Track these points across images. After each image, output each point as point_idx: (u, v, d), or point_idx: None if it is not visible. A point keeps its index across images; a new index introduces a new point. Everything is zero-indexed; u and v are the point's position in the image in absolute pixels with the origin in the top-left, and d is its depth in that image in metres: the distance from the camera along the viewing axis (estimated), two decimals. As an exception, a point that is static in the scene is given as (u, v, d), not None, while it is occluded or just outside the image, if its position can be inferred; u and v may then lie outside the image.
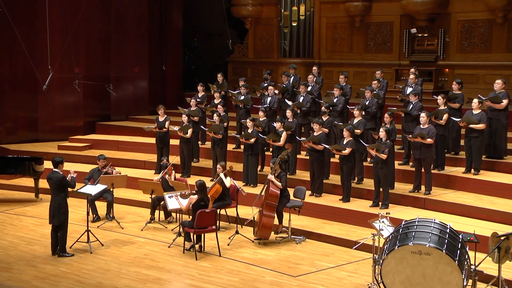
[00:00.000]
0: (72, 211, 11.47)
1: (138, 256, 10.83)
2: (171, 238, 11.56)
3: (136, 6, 19.59)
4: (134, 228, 12.41)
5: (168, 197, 11.55)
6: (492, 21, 16.83)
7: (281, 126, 13.36)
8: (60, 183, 10.53)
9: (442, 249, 8.02)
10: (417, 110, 13.13)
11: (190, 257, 10.72)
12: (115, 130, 18.82)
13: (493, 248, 8.30)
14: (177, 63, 20.73)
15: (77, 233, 11.41)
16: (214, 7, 21.28)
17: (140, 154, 16.79)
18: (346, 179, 12.49)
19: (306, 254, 10.90)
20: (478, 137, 12.56)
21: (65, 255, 10.72)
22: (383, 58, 18.61)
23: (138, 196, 13.88)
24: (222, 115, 14.54)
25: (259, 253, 10.94)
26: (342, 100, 14.46)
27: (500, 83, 13.02)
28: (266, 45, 20.78)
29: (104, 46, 19.19)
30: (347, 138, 12.37)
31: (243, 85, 15.81)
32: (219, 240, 10.94)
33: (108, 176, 12.65)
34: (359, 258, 10.54)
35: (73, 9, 17.66)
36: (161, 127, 14.94)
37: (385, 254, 8.34)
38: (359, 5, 18.69)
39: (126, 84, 19.68)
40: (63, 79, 18.20)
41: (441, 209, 11.81)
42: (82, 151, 17.38)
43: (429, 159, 12.17)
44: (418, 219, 8.65)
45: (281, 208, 11.46)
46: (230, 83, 18.20)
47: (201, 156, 15.67)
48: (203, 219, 10.61)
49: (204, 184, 10.90)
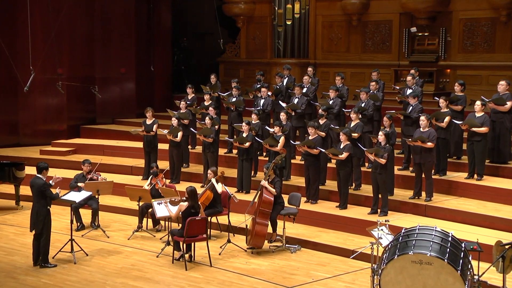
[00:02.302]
0: (55, 219, 11.42)
1: (125, 267, 10.80)
2: (160, 247, 11.54)
3: (122, 4, 19.58)
4: (120, 237, 12.38)
5: (157, 204, 11.52)
6: (496, 20, 16.91)
7: (280, 130, 13.37)
8: (41, 190, 10.48)
9: (444, 258, 8.02)
10: (417, 113, 13.16)
11: (179, 268, 10.70)
12: (101, 134, 18.79)
13: (497, 257, 8.31)
14: (165, 64, 20.73)
15: (60, 242, 11.37)
16: (204, 5, 21.36)
17: (127, 159, 16.78)
18: (343, 185, 12.50)
19: (302, 263, 10.90)
20: (481, 141, 12.58)
21: (47, 266, 10.68)
22: (381, 59, 18.66)
23: (125, 203, 13.85)
24: (214, 118, 14.53)
25: (252, 263, 10.93)
26: (338, 102, 14.48)
27: (504, 84, 13.05)
28: (259, 44, 20.81)
29: (88, 45, 19.17)
30: (344, 142, 12.39)
31: (235, 87, 15.83)
32: (210, 249, 10.93)
33: (93, 182, 12.62)
34: (357, 268, 10.55)
35: (55, 7, 17.62)
36: (149, 131, 14.92)
37: (384, 263, 8.33)
38: (356, 3, 18.75)
39: (112, 85, 19.66)
40: (46, 80, 18.16)
41: (442, 216, 11.83)
42: (66, 156, 17.33)
43: (429, 164, 12.19)
44: (419, 227, 8.65)
45: (275, 215, 11.46)
46: (222, 85, 18.21)
47: (191, 161, 15.66)
48: (193, 227, 10.60)
49: (195, 191, 10.89)
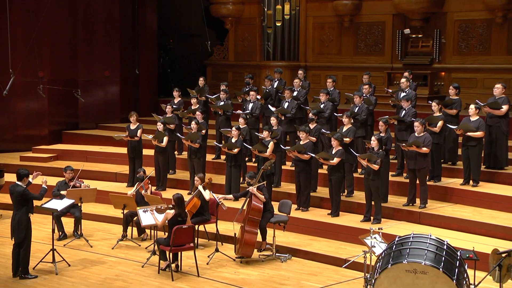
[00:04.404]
0: (36, 228, 11.38)
1: (109, 277, 10.77)
2: (145, 257, 11.52)
3: (106, 4, 19.57)
4: (104, 247, 12.35)
5: (142, 212, 11.51)
6: (491, 21, 17.01)
7: (269, 135, 13.37)
8: (21, 197, 10.44)
9: (439, 267, 8.05)
10: (411, 117, 13.21)
11: (165, 278, 10.68)
12: (84, 139, 18.76)
13: (494, 266, 8.35)
14: (151, 67, 20.71)
15: (41, 252, 11.32)
16: (191, 5, 21.35)
17: (111, 166, 16.74)
18: (335, 192, 12.52)
19: (292, 273, 10.90)
20: (476, 146, 12.63)
21: (27, 277, 10.62)
22: (374, 61, 18.73)
23: (109, 212, 13.82)
24: (200, 122, 14.53)
25: (241, 273, 10.93)
26: (329, 106, 14.50)
27: (500, 88, 13.11)
28: (248, 47, 20.84)
29: (71, 47, 19.13)
30: (336, 147, 12.40)
31: (223, 90, 15.82)
32: (198, 258, 10.92)
33: (76, 189, 12.58)
34: (350, 277, 10.56)
35: (36, 7, 17.60)
36: (133, 136, 14.89)
37: (377, 273, 8.36)
38: (348, 3, 18.82)
39: (95, 89, 19.63)
40: (26, 83, 18.12)
41: (437, 224, 11.87)
42: (47, 163, 17.27)
43: (424, 170, 12.23)
44: (413, 235, 8.68)
45: (265, 223, 11.47)
46: (210, 88, 18.21)
47: (177, 167, 15.65)
48: (180, 236, 10.58)
49: (182, 198, 10.88)
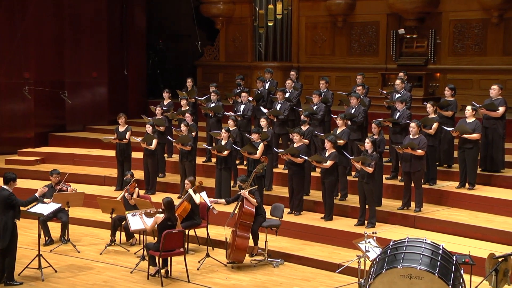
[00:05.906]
0: (21, 233, 11.35)
1: (97, 283, 10.75)
2: (134, 262, 11.50)
3: (93, 4, 19.52)
4: (92, 252, 12.32)
5: (131, 216, 11.50)
6: (487, 21, 17.07)
7: (258, 137, 13.39)
8: (6, 202, 10.40)
9: (435, 272, 8.07)
10: (405, 119, 13.24)
11: (155, 284, 10.67)
12: (71, 142, 18.71)
13: (490, 271, 8.37)
14: (140, 67, 20.69)
15: (27, 258, 11.28)
16: (181, 5, 21.34)
17: (99, 169, 16.70)
18: (328, 195, 12.54)
19: (285, 279, 10.91)
20: (472, 148, 12.67)
21: (12, 284, 10.57)
22: (368, 62, 18.77)
23: (97, 216, 13.78)
24: (190, 124, 14.53)
25: (233, 278, 10.93)
26: (322, 108, 14.51)
27: (497, 89, 13.15)
28: (239, 47, 20.85)
29: (57, 48, 19.09)
30: (329, 150, 12.41)
31: (214, 91, 15.81)
32: (188, 264, 10.91)
33: (63, 193, 12.55)
34: (343, 282, 10.57)
35: (21, 6, 17.55)
36: (122, 138, 14.87)
37: (371, 278, 8.37)
38: (341, 3, 18.85)
39: (82, 90, 19.59)
40: (11, 85, 18.08)
41: (432, 227, 11.90)
42: (33, 166, 17.23)
43: (419, 173, 12.25)
44: (408, 239, 8.70)
45: (257, 227, 11.47)
46: (200, 90, 18.22)
47: (167, 171, 15.63)
48: (170, 241, 10.57)
49: (171, 202, 10.87)
